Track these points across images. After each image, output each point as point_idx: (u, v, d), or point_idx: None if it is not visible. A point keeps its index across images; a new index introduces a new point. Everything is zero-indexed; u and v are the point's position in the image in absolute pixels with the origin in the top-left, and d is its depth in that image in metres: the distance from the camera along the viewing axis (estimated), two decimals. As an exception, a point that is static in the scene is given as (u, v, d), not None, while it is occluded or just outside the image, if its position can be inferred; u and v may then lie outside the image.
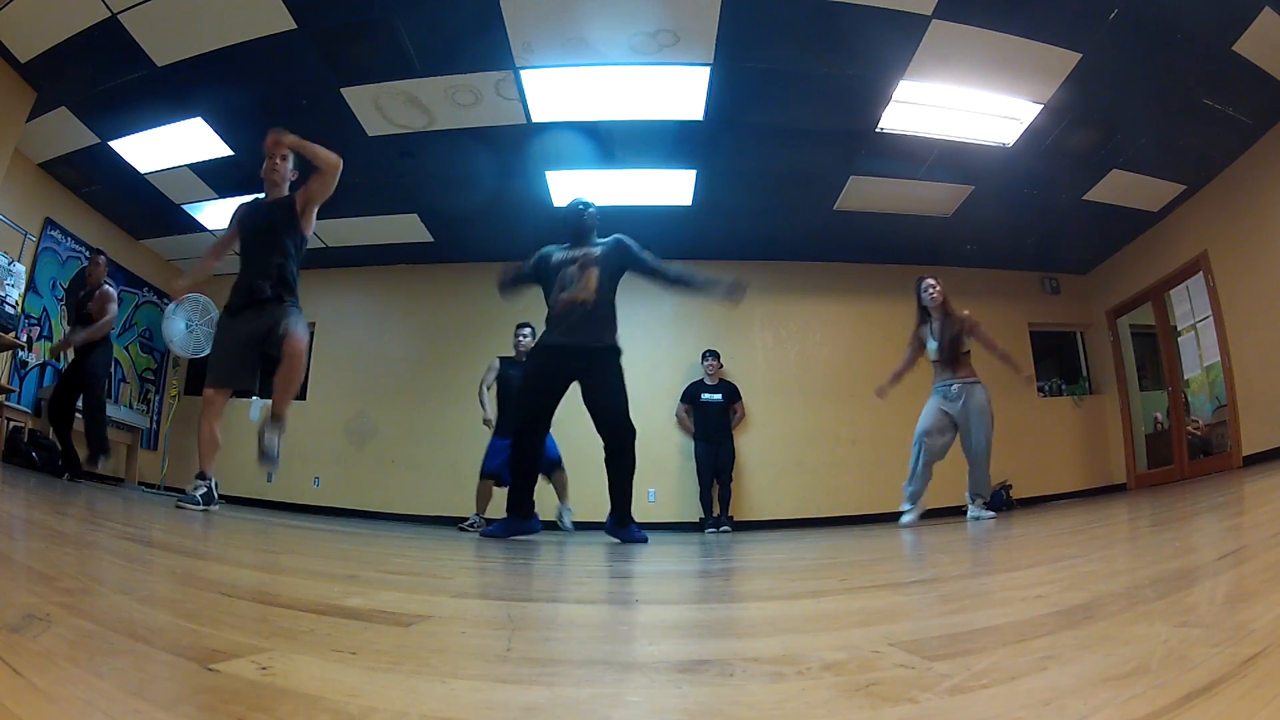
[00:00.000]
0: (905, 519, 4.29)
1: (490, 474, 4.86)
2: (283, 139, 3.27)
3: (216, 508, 3.17)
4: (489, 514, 4.85)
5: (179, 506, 3.03)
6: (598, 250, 3.33)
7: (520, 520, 3.30)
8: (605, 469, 3.23)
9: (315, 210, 3.36)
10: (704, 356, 6.45)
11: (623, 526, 3.20)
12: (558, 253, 3.39)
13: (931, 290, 4.48)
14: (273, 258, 3.22)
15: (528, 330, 4.98)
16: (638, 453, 3.23)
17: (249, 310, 3.16)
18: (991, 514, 4.29)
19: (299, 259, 3.34)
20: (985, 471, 4.27)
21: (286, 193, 3.39)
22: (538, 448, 3.30)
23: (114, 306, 5.03)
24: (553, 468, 4.73)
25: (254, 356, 3.15)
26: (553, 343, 3.24)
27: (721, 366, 6.50)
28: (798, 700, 0.47)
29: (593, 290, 3.21)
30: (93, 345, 4.92)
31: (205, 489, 3.09)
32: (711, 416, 6.28)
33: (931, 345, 4.43)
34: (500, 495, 4.61)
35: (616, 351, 3.27)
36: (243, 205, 3.45)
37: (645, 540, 3.13)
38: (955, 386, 4.32)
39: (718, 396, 6.32)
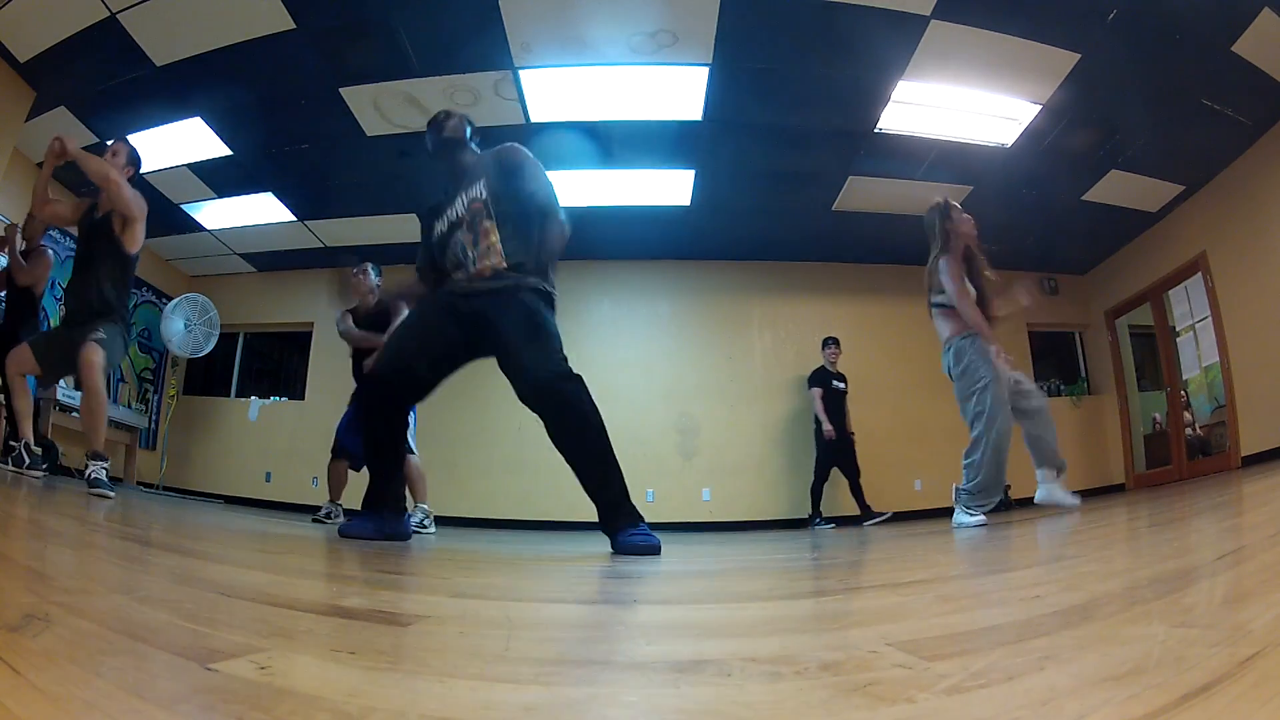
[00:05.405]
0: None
1: (345, 453, 3.96)
2: (58, 148, 3.02)
3: (39, 474, 3.19)
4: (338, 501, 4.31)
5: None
6: (481, 179, 2.50)
7: (396, 518, 2.48)
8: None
9: (138, 228, 3.21)
10: (825, 343, 6.25)
11: (616, 528, 2.15)
12: (435, 207, 2.59)
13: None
14: (90, 278, 3.17)
15: (370, 267, 4.03)
16: (635, 452, 2.66)
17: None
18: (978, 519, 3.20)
19: (123, 278, 3.26)
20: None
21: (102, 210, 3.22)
22: (398, 421, 2.47)
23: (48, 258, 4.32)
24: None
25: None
26: (450, 292, 2.47)
27: (840, 353, 6.33)
28: (795, 700, 0.48)
29: (500, 252, 2.37)
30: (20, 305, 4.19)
31: (16, 452, 3.18)
32: (840, 404, 6.07)
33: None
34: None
35: (533, 292, 2.33)
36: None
37: (656, 547, 2.10)
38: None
39: (843, 385, 6.12)
